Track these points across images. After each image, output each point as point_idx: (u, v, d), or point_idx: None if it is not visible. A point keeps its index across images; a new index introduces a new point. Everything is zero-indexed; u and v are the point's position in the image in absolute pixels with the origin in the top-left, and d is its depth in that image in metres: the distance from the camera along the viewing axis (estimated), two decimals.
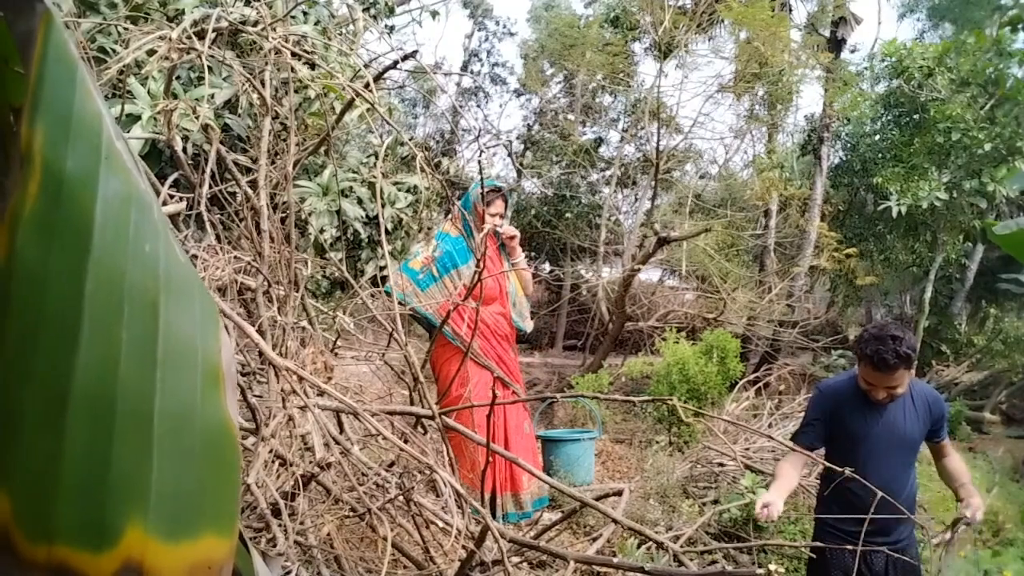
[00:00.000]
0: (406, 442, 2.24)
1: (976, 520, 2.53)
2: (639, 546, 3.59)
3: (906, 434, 2.57)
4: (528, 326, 4.62)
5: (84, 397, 0.44)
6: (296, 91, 3.31)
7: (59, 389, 0.44)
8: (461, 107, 12.83)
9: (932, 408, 2.63)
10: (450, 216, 4.42)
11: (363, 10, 4.74)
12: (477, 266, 2.83)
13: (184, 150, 2.89)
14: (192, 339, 0.49)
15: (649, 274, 11.64)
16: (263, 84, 2.74)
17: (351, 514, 2.15)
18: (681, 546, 2.43)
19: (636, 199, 13.19)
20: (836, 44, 9.81)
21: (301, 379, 1.96)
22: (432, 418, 2.33)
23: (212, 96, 3.20)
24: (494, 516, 4.16)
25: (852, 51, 10.61)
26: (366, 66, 3.11)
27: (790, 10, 10.20)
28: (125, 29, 2.97)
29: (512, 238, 4.37)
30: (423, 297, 4.13)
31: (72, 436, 0.44)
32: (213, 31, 2.69)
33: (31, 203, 0.44)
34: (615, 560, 2.27)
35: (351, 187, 3.95)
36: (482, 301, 4.19)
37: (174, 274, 0.48)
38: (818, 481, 2.93)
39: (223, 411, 0.50)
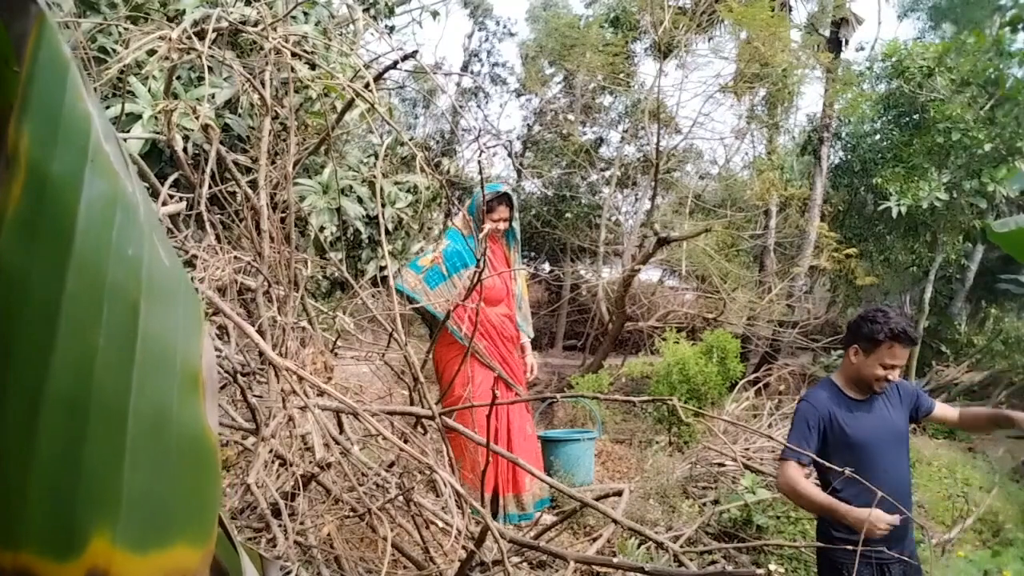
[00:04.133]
0: (406, 442, 2.24)
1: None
2: (639, 546, 3.59)
3: (896, 425, 2.58)
4: (530, 331, 4.62)
5: (58, 400, 0.44)
6: (296, 91, 3.31)
7: (33, 392, 0.43)
8: (461, 107, 12.83)
9: (903, 392, 2.65)
10: (460, 214, 4.40)
11: (363, 10, 4.74)
12: (477, 266, 2.83)
13: (184, 150, 2.89)
14: (172, 343, 0.48)
15: (649, 274, 11.63)
16: (263, 84, 2.74)
17: (351, 514, 2.16)
18: (681, 546, 2.43)
19: (636, 199, 13.20)
20: (836, 44, 9.81)
21: (301, 379, 1.96)
22: (432, 418, 2.33)
23: (212, 96, 3.20)
24: (496, 517, 4.15)
25: (858, 49, 10.61)
26: (366, 66, 3.11)
27: (790, 10, 10.20)
28: (125, 29, 2.97)
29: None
30: (432, 295, 4.11)
31: (44, 440, 0.43)
32: (213, 31, 2.69)
33: (14, 204, 0.44)
34: (615, 560, 2.28)
35: (351, 186, 3.95)
36: (487, 302, 4.19)
37: (157, 278, 0.48)
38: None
39: (201, 417, 0.49)
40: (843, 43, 9.86)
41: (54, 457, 0.44)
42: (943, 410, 2.71)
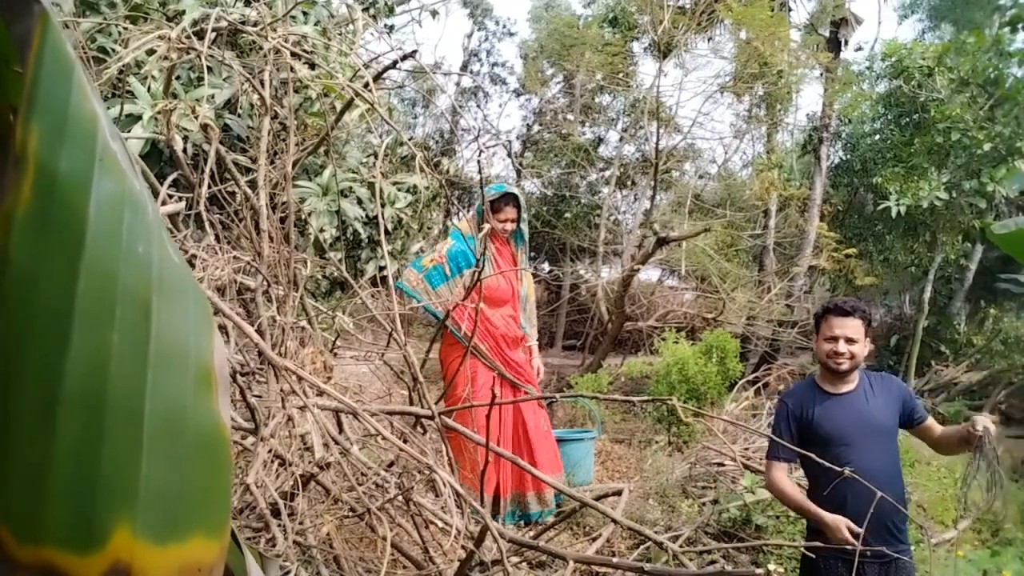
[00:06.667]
0: (405, 442, 2.24)
1: (989, 427, 2.48)
2: (638, 546, 3.60)
3: (876, 420, 2.56)
4: (534, 333, 4.60)
5: (74, 398, 0.44)
6: (296, 91, 3.30)
7: (50, 390, 0.44)
8: (461, 107, 12.83)
9: (892, 389, 2.65)
10: (470, 214, 4.40)
11: (363, 10, 4.74)
12: (476, 265, 2.83)
13: (184, 150, 2.89)
14: (185, 340, 0.49)
15: (648, 274, 11.64)
16: (263, 84, 2.74)
17: (350, 514, 2.16)
18: (680, 546, 2.43)
19: (635, 199, 13.20)
20: (835, 44, 9.82)
21: (300, 379, 1.96)
22: (431, 418, 2.33)
23: (212, 96, 3.20)
24: (511, 515, 4.15)
25: (857, 49, 10.61)
26: (366, 66, 3.11)
27: (789, 10, 10.21)
28: (125, 29, 2.97)
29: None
30: (433, 295, 4.09)
31: (62, 437, 0.44)
32: (213, 31, 2.69)
33: (24, 204, 0.44)
34: (614, 560, 2.28)
35: (351, 187, 3.95)
36: (492, 302, 4.19)
37: (167, 275, 0.48)
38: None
39: (215, 412, 0.49)
40: (842, 43, 9.87)
41: (72, 453, 0.44)
42: (931, 428, 2.64)
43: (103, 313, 0.45)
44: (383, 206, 4.13)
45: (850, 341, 2.56)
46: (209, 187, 2.60)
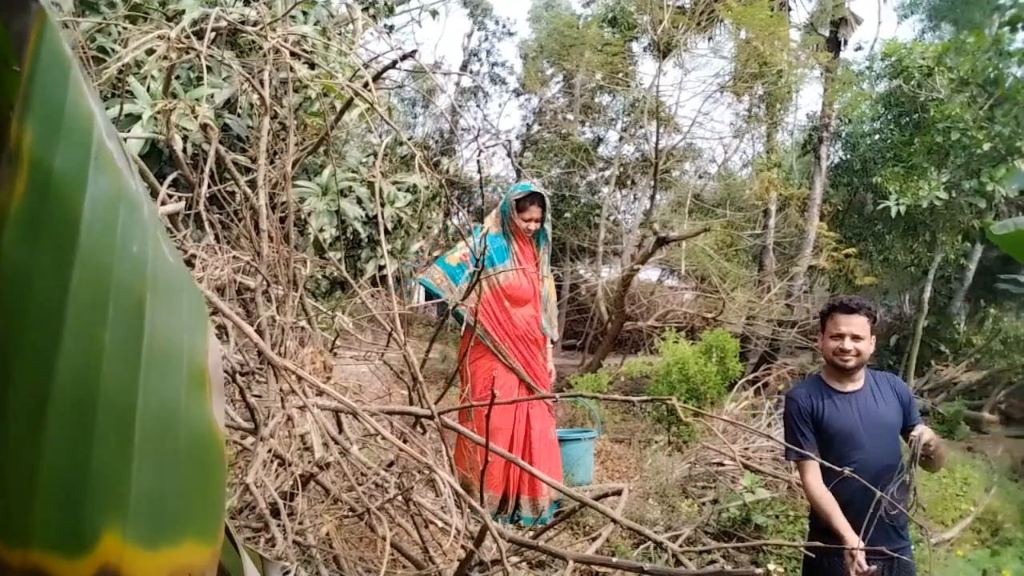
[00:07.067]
0: (405, 442, 2.24)
1: (923, 438, 2.44)
2: (637, 546, 3.59)
3: (884, 418, 2.58)
4: (554, 334, 4.59)
5: (65, 398, 0.43)
6: (295, 91, 3.30)
7: (39, 390, 0.43)
8: (460, 107, 12.83)
9: (896, 389, 2.67)
10: (492, 213, 4.39)
11: (362, 9, 4.74)
12: (476, 265, 2.83)
13: (184, 150, 2.89)
14: (179, 341, 0.48)
15: (648, 274, 11.64)
16: (262, 84, 2.73)
17: (350, 514, 2.15)
18: (680, 546, 2.42)
19: (635, 199, 13.21)
20: (835, 44, 9.82)
21: (300, 379, 1.96)
22: (431, 418, 2.32)
23: (212, 96, 3.20)
24: (511, 518, 4.15)
25: (856, 49, 10.60)
26: (365, 66, 3.11)
27: (789, 10, 10.21)
28: (124, 29, 2.96)
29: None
30: (457, 292, 4.10)
31: (52, 438, 0.43)
32: (212, 31, 2.69)
33: (18, 200, 0.44)
34: (614, 560, 2.27)
35: (350, 187, 3.95)
36: (513, 302, 4.20)
37: (162, 275, 0.48)
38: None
39: (208, 414, 0.49)
40: (842, 43, 9.87)
41: (62, 455, 0.44)
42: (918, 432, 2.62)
43: (96, 312, 0.45)
44: (383, 206, 4.13)
45: (856, 338, 2.58)
46: (209, 187, 2.60)
